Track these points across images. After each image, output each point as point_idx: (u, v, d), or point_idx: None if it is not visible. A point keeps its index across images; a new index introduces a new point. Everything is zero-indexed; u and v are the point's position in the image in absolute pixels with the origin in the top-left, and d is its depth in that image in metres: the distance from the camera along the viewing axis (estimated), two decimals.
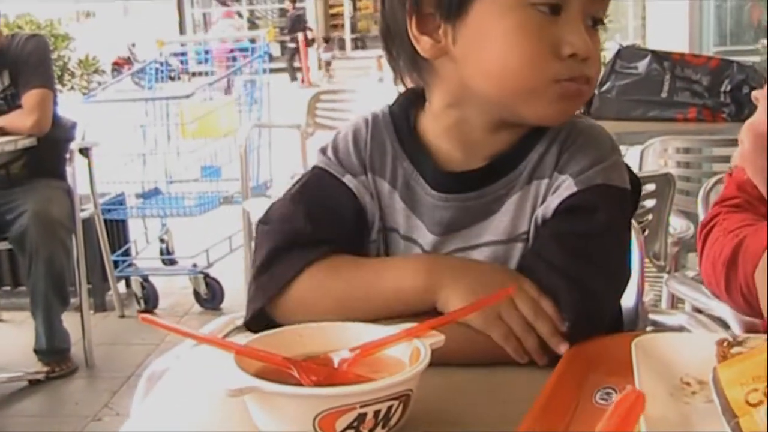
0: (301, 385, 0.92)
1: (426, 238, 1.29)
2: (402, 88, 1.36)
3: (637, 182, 1.33)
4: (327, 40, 26.99)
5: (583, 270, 1.19)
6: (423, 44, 1.23)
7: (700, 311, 2.07)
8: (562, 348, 1.13)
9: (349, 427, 0.87)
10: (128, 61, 23.38)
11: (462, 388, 1.08)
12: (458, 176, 1.27)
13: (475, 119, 1.26)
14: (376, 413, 0.88)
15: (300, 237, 1.26)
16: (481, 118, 1.25)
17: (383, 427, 0.89)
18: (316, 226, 1.27)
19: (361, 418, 0.87)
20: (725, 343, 0.96)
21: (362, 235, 1.31)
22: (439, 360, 0.95)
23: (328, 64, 24.77)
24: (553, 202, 1.24)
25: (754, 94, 1.50)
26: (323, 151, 1.34)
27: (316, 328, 1.04)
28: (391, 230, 1.32)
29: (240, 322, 1.35)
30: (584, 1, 1.19)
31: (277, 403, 0.88)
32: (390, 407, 0.88)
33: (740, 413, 0.81)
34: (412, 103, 1.32)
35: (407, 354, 0.98)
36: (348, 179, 1.30)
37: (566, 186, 1.24)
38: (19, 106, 4.05)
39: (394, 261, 1.28)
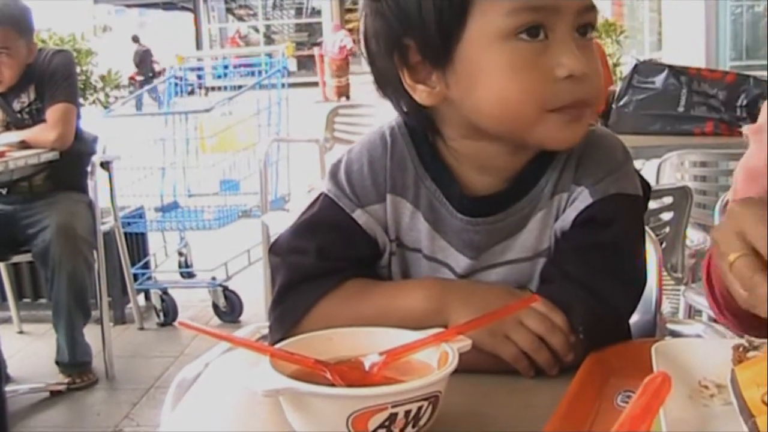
0: (334, 386, 0.95)
1: (456, 259, 1.30)
2: None
3: (646, 186, 1.34)
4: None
5: (601, 281, 1.21)
6: (419, 93, 1.22)
7: (716, 321, 2.09)
8: (571, 358, 1.16)
9: (381, 426, 0.90)
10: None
11: (486, 391, 1.11)
12: (484, 200, 1.27)
13: (491, 148, 1.24)
14: (407, 413, 0.90)
15: (311, 270, 1.27)
16: (496, 145, 1.23)
17: (413, 427, 0.92)
18: (327, 259, 1.27)
19: (393, 417, 0.90)
20: (741, 348, 0.99)
21: (372, 263, 1.32)
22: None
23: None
24: (571, 214, 1.25)
25: (744, 131, 1.52)
26: (334, 174, 1.31)
27: (347, 332, 1.08)
28: (413, 250, 1.32)
29: (265, 330, 1.37)
30: (569, 16, 1.15)
31: (312, 403, 0.91)
32: (420, 408, 0.91)
33: (757, 413, 0.84)
34: (428, 120, 1.27)
35: (435, 358, 1.01)
36: (358, 214, 1.28)
37: (582, 197, 1.25)
38: (43, 120, 4.09)
39: (405, 285, 1.29)
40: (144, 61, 24.80)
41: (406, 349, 1.02)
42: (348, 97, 21.46)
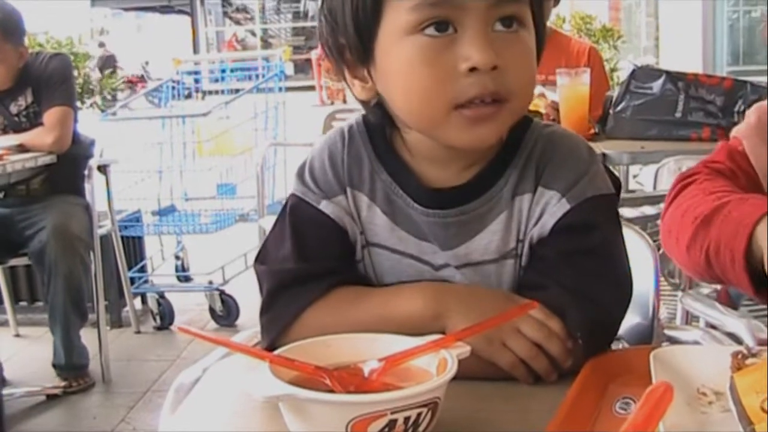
0: (333, 392, 0.95)
1: (420, 248, 1.30)
2: None
3: (615, 179, 1.34)
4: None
5: (592, 285, 1.21)
6: (356, 89, 1.28)
7: (714, 327, 2.10)
8: (570, 363, 1.16)
9: None
10: (142, 79, 23.53)
11: (485, 397, 1.11)
12: (441, 193, 1.28)
13: (431, 141, 1.25)
14: (406, 420, 0.91)
15: (295, 277, 1.28)
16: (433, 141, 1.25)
17: None
18: (307, 260, 1.28)
19: (392, 424, 0.90)
20: (740, 355, 0.99)
21: (352, 257, 1.33)
22: None
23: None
24: (549, 222, 1.25)
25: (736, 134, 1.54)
26: (300, 173, 1.35)
27: (345, 338, 1.08)
28: (375, 245, 1.33)
29: None
30: (479, 10, 1.14)
31: (312, 409, 0.91)
32: (419, 414, 0.91)
33: (756, 420, 0.84)
34: (384, 115, 1.29)
35: (434, 365, 1.01)
36: (324, 205, 1.31)
37: (557, 204, 1.24)
38: (41, 123, 4.10)
39: (401, 290, 1.27)
40: (107, 66, 24.75)
41: (405, 356, 1.02)
42: (345, 101, 21.58)
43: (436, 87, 1.16)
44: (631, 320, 1.59)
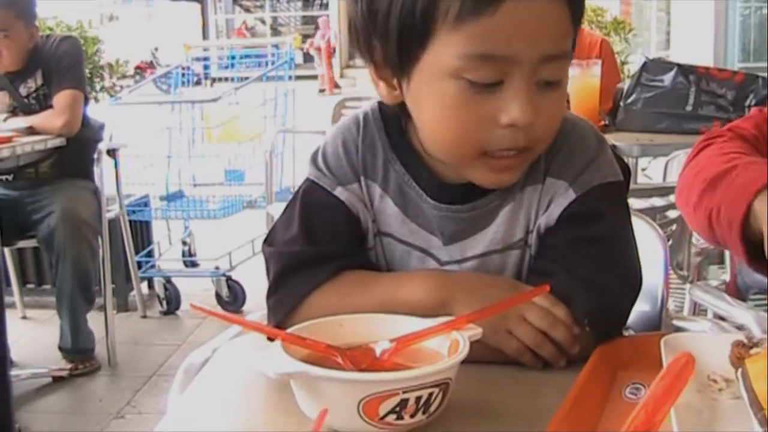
0: (345, 371, 0.95)
1: (429, 242, 1.30)
2: None
3: (625, 167, 1.34)
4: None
5: (599, 272, 1.21)
6: (381, 89, 1.25)
7: (722, 318, 2.10)
8: (577, 350, 1.16)
9: (392, 411, 0.90)
10: (151, 66, 23.50)
11: (496, 381, 1.12)
12: (450, 188, 1.28)
13: None
14: (418, 399, 0.91)
15: (303, 259, 1.27)
16: None
17: (423, 413, 0.93)
18: (318, 246, 1.28)
19: (404, 403, 0.90)
20: (741, 345, 0.99)
21: (363, 247, 1.33)
22: None
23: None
24: (555, 211, 1.26)
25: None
26: (314, 159, 1.34)
27: (357, 318, 1.08)
28: (385, 235, 1.33)
29: None
30: (530, 69, 1.12)
31: (324, 388, 0.92)
32: (431, 394, 0.92)
33: (767, 406, 0.84)
34: (403, 109, 1.26)
35: (445, 346, 1.01)
36: (339, 192, 1.30)
37: (565, 193, 1.25)
38: (50, 106, 4.10)
39: (408, 276, 1.27)
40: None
41: (417, 337, 1.02)
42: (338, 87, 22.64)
43: (469, 133, 1.15)
44: (639, 310, 1.59)
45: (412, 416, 0.92)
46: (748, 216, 1.27)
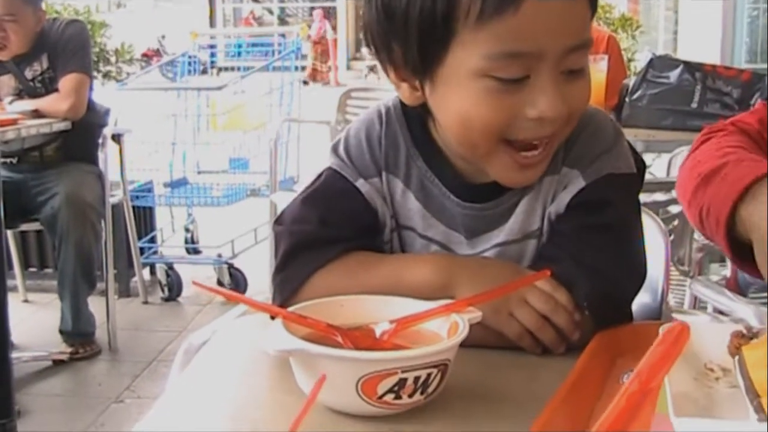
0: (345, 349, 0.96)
1: (449, 238, 1.31)
2: None
3: (641, 162, 1.35)
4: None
5: (603, 259, 1.22)
6: (403, 91, 1.25)
7: (722, 313, 2.10)
8: (578, 336, 1.16)
9: (390, 391, 0.91)
10: (157, 53, 23.48)
11: (495, 365, 1.12)
12: (474, 188, 1.29)
13: None
14: (416, 379, 0.92)
15: (313, 239, 1.28)
16: None
17: (421, 394, 0.93)
18: (330, 229, 1.28)
19: (402, 383, 0.91)
20: (740, 335, 0.99)
21: (375, 236, 1.33)
22: None
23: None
24: (564, 198, 1.27)
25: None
26: (335, 149, 1.34)
27: (358, 299, 1.09)
28: (406, 228, 1.33)
29: None
30: (555, 62, 1.12)
31: (323, 366, 0.92)
32: (429, 375, 0.92)
33: (762, 393, 0.84)
34: (423, 106, 1.26)
35: (444, 328, 1.02)
36: (360, 183, 1.31)
37: (575, 181, 1.26)
38: (56, 90, 4.10)
39: (412, 258, 1.29)
40: None
41: (417, 318, 1.03)
42: (328, 82, 23.12)
43: (496, 126, 1.15)
44: (639, 302, 1.59)
45: (410, 396, 0.92)
46: (734, 216, 1.27)
